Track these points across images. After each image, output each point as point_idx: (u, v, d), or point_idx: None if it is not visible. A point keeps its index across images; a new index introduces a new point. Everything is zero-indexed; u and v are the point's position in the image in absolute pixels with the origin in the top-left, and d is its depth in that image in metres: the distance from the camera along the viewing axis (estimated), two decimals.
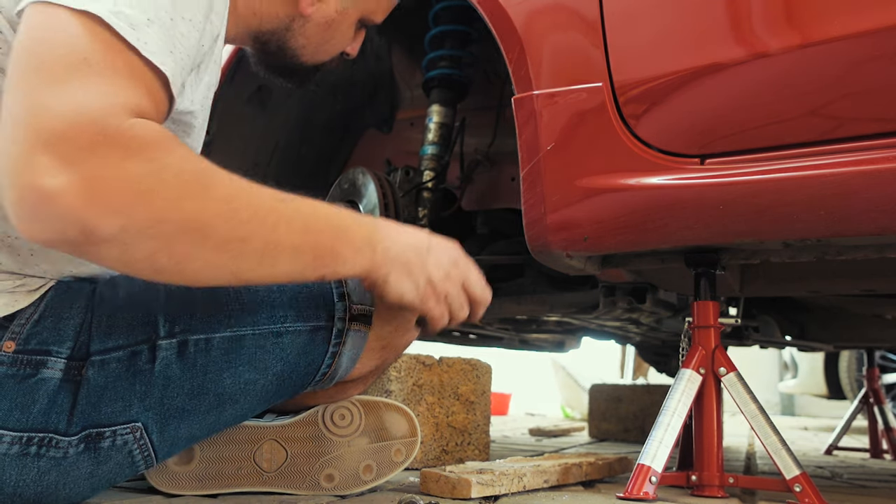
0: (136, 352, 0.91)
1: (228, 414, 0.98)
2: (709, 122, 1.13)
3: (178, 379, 0.92)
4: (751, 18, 1.10)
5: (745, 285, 1.73)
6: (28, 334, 0.88)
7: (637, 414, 2.89)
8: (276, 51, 1.14)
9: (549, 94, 1.21)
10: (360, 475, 1.11)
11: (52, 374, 0.88)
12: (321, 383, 1.05)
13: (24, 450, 0.87)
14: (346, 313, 1.01)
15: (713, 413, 1.24)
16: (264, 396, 1.00)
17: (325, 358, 1.01)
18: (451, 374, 1.64)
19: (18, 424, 0.87)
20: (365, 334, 1.03)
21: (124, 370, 0.90)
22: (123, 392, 0.90)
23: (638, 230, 1.17)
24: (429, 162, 1.64)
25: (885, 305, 2.09)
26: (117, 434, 0.91)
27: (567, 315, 2.01)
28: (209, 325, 0.94)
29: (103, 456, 0.91)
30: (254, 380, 0.97)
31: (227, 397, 0.96)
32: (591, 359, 5.88)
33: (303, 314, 0.99)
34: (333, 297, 1.01)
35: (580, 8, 1.21)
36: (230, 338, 0.95)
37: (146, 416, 0.92)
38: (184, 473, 1.05)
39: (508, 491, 1.18)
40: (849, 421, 2.83)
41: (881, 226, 1.03)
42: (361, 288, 1.02)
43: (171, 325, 0.92)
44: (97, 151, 0.67)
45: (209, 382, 0.94)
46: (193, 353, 0.93)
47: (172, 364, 0.92)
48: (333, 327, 1.01)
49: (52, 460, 0.88)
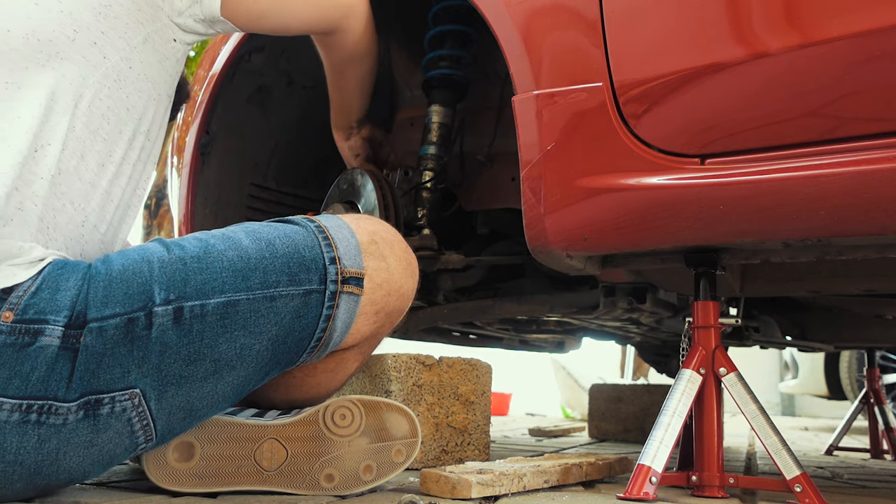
0: (132, 318, 0.93)
1: (226, 381, 1.00)
2: (709, 122, 1.13)
3: (174, 345, 0.94)
4: (751, 18, 1.10)
5: (745, 285, 1.73)
6: (25, 305, 0.90)
7: (637, 414, 2.89)
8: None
9: (549, 94, 1.21)
10: (360, 475, 1.11)
11: (49, 341, 0.89)
12: (317, 350, 1.07)
13: (25, 417, 0.88)
14: (339, 276, 1.04)
15: (713, 413, 1.24)
16: (260, 363, 1.01)
17: (319, 321, 1.03)
18: (451, 374, 1.64)
19: (18, 392, 0.88)
20: (358, 298, 1.06)
21: (121, 337, 0.92)
22: (121, 358, 0.92)
23: (638, 230, 1.18)
24: (428, 162, 1.64)
25: (885, 305, 2.09)
26: (116, 400, 0.92)
27: (567, 315, 2.01)
28: (203, 291, 0.96)
29: (102, 423, 0.92)
30: (249, 345, 0.99)
31: (224, 363, 0.98)
32: (591, 359, 5.88)
33: (295, 278, 1.02)
34: (325, 261, 1.04)
35: (580, 8, 1.21)
36: (224, 303, 0.97)
37: (144, 383, 0.93)
38: (184, 470, 1.05)
39: (508, 491, 1.18)
40: (849, 421, 2.83)
41: (881, 226, 1.03)
42: (353, 252, 1.05)
43: (167, 293, 0.95)
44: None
45: (205, 348, 0.96)
46: (189, 320, 0.95)
47: (169, 330, 0.94)
48: (326, 290, 1.03)
49: (52, 427, 0.90)
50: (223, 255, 0.99)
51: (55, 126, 0.97)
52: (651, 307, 1.79)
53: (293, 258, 1.02)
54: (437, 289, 1.76)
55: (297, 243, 1.03)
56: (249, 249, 1.01)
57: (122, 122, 1.05)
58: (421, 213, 1.62)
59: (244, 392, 1.05)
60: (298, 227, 1.06)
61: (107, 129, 1.03)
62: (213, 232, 1.04)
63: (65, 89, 0.98)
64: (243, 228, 1.05)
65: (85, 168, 1.01)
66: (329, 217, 1.10)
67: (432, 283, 1.76)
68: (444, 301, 1.85)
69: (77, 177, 1.00)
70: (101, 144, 1.02)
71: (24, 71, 0.96)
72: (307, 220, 1.07)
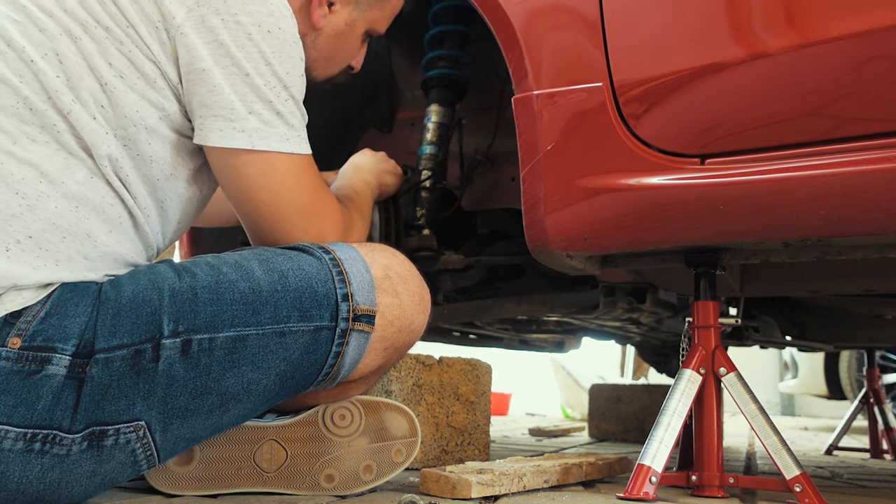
0: (140, 350, 0.91)
1: (232, 414, 0.99)
2: (709, 122, 1.13)
3: (181, 378, 0.93)
4: (751, 18, 1.10)
5: (745, 285, 1.73)
6: (34, 331, 0.89)
7: (637, 414, 2.89)
8: None
9: (549, 94, 1.21)
10: (360, 475, 1.11)
11: (56, 370, 0.88)
12: (324, 383, 1.05)
13: (28, 446, 0.87)
14: (350, 313, 1.01)
15: (713, 413, 1.24)
16: (267, 396, 1.00)
17: (328, 358, 1.02)
18: (451, 374, 1.64)
19: (23, 421, 0.87)
20: (368, 335, 1.03)
21: (128, 369, 0.90)
22: (127, 391, 0.90)
23: (638, 230, 1.17)
24: (427, 162, 1.64)
25: (885, 305, 2.09)
26: (120, 433, 0.91)
27: (567, 315, 2.01)
28: (213, 324, 0.94)
29: (106, 454, 0.91)
30: (257, 379, 0.97)
31: (231, 397, 0.96)
32: (591, 359, 5.88)
33: (307, 314, 0.99)
34: (337, 297, 1.01)
35: (580, 8, 1.21)
36: (234, 338, 0.95)
37: (149, 415, 0.92)
38: (184, 474, 1.05)
39: (508, 491, 1.18)
40: (849, 421, 2.83)
41: (881, 226, 1.03)
42: (366, 288, 1.03)
43: (175, 325, 0.93)
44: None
45: (212, 382, 0.94)
46: (197, 353, 0.93)
47: (176, 363, 0.92)
48: (337, 327, 1.01)
49: (56, 457, 0.89)
50: (234, 287, 0.97)
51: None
52: (651, 307, 1.79)
53: (305, 293, 1.00)
54: (437, 289, 1.76)
55: (311, 277, 1.01)
56: (262, 281, 0.98)
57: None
58: (420, 213, 1.62)
59: (247, 420, 1.04)
60: (312, 259, 1.03)
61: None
62: (225, 257, 1.02)
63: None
64: (257, 256, 1.02)
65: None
66: (344, 247, 1.07)
67: (432, 284, 1.75)
68: (444, 301, 1.85)
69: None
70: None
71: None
72: (322, 252, 1.04)
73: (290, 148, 1.04)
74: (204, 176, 1.09)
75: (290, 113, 1.04)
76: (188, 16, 0.98)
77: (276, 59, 1.01)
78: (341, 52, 1.26)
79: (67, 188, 0.94)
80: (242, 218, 1.11)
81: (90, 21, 0.96)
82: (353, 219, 1.24)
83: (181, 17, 0.98)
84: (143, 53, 0.98)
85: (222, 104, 0.99)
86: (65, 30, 0.96)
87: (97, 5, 0.97)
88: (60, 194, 0.93)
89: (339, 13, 1.21)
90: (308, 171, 1.08)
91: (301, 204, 1.08)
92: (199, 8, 0.98)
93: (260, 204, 1.06)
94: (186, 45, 0.98)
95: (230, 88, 0.99)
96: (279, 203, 1.06)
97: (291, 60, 1.04)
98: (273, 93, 1.01)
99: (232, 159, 1.02)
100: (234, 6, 0.99)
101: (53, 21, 0.96)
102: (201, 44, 0.98)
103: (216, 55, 0.98)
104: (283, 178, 1.05)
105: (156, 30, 0.98)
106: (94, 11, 0.97)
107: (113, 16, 0.97)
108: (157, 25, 0.98)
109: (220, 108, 0.99)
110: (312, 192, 1.09)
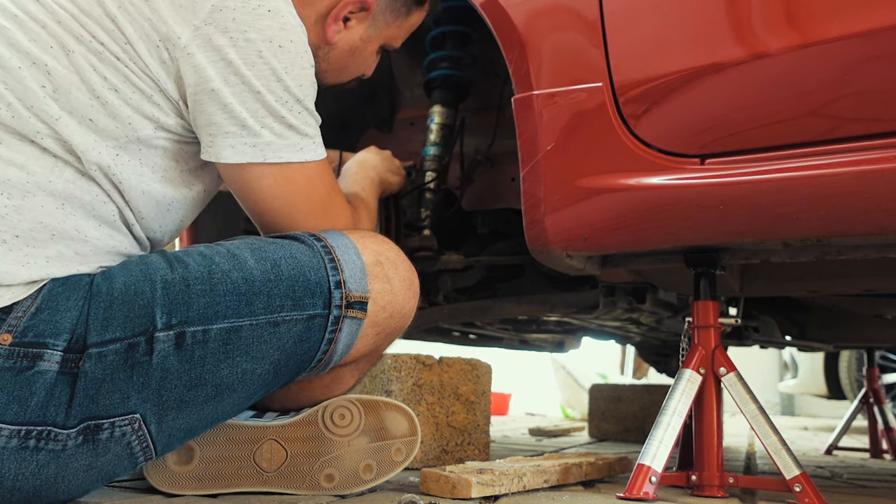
0: (133, 344, 0.91)
1: (226, 403, 0.99)
2: (709, 122, 1.13)
3: (175, 371, 0.93)
4: (750, 18, 1.10)
5: (745, 285, 1.73)
6: (24, 327, 0.89)
7: (637, 414, 2.89)
8: None
9: (549, 94, 1.21)
10: (360, 475, 1.11)
11: (48, 366, 0.88)
12: (316, 369, 1.06)
13: (23, 443, 0.87)
14: (343, 301, 1.02)
15: (713, 413, 1.24)
16: (261, 385, 1.01)
17: (321, 345, 1.03)
18: (451, 374, 1.64)
19: (16, 417, 0.87)
20: (361, 321, 1.05)
21: (122, 362, 0.91)
22: (121, 384, 0.91)
23: (638, 230, 1.17)
24: (431, 162, 1.64)
25: (885, 305, 2.09)
26: (116, 426, 0.91)
27: (567, 315, 2.01)
28: (206, 316, 0.95)
29: (102, 448, 0.91)
30: (251, 369, 0.98)
31: (225, 387, 0.97)
32: (590, 359, 5.88)
33: (300, 303, 1.00)
34: (330, 284, 1.02)
35: (580, 8, 1.21)
36: (228, 329, 0.96)
37: (144, 408, 0.92)
38: (184, 473, 1.05)
39: (508, 491, 1.18)
40: (849, 421, 2.83)
41: (881, 226, 1.03)
42: (358, 275, 1.04)
43: (169, 317, 0.93)
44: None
45: (207, 374, 0.95)
46: (191, 345, 0.94)
47: (170, 356, 0.93)
48: (330, 315, 1.02)
49: (51, 453, 0.89)
50: (227, 277, 0.97)
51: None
52: (651, 307, 1.79)
53: (298, 281, 1.00)
54: (438, 289, 1.76)
55: (303, 265, 1.01)
56: (254, 271, 0.98)
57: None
58: (425, 214, 1.62)
59: (243, 409, 1.05)
60: (304, 247, 1.03)
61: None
62: (218, 247, 1.02)
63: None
64: (249, 245, 1.02)
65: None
66: (335, 235, 1.07)
67: (432, 284, 1.76)
68: (444, 301, 1.85)
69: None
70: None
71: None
72: (314, 239, 1.05)
73: (303, 157, 1.04)
74: (204, 176, 1.09)
75: (304, 123, 1.04)
76: (195, 35, 0.97)
77: (287, 74, 1.01)
78: (354, 66, 1.26)
79: (55, 186, 0.94)
80: (256, 221, 1.11)
81: (85, 35, 0.95)
82: (362, 217, 1.24)
83: (187, 38, 0.97)
84: (140, 70, 0.97)
85: (233, 122, 0.99)
86: (57, 41, 0.95)
87: (92, 22, 0.96)
88: (47, 193, 0.93)
89: (355, 29, 1.19)
90: (321, 175, 1.09)
91: (315, 207, 1.09)
92: (207, 27, 0.97)
93: (274, 211, 1.07)
94: (193, 65, 0.97)
95: (241, 106, 0.99)
96: (293, 209, 1.07)
97: (304, 72, 1.03)
98: (286, 108, 1.01)
99: (245, 173, 1.03)
100: (244, 23, 0.98)
101: (46, 32, 0.95)
102: (208, 64, 0.97)
103: (225, 74, 0.97)
104: (297, 187, 1.06)
105: (156, 49, 0.97)
106: (88, 26, 0.96)
107: (110, 32, 0.96)
108: (158, 45, 0.97)
109: (232, 125, 0.99)
110: (326, 196, 1.10)
